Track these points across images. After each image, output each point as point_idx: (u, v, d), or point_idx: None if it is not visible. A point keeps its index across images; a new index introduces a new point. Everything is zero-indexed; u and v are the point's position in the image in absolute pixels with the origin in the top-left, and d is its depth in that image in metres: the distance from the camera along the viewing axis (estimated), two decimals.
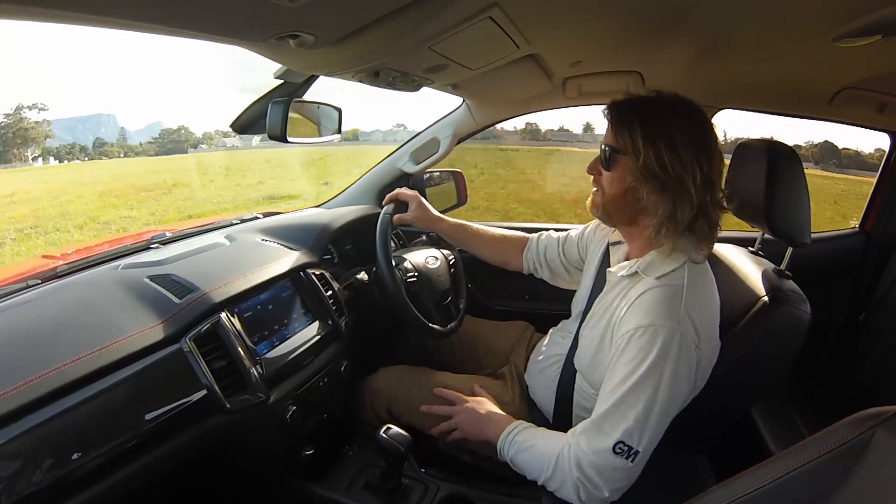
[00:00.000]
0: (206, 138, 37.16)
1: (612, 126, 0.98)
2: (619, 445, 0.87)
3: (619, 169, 0.97)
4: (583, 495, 0.90)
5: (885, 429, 0.51)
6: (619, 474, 0.88)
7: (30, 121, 28.80)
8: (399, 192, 1.40)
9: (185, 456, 0.92)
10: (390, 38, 0.85)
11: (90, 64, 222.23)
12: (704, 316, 0.92)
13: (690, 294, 0.91)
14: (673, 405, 0.89)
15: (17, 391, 0.74)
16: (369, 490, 1.15)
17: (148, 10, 0.61)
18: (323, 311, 1.27)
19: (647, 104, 0.96)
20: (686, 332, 0.87)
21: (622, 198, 0.98)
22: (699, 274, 0.96)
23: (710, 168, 0.91)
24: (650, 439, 0.88)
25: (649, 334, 0.87)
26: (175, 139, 35.88)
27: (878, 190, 1.83)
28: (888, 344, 1.58)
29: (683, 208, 0.90)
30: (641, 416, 0.86)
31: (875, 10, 0.78)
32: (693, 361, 0.89)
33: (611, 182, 0.99)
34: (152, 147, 35.86)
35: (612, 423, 0.88)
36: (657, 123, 0.92)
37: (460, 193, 2.00)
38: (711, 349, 0.94)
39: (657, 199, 0.93)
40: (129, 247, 1.30)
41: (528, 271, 1.44)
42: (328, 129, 1.42)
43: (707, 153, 0.91)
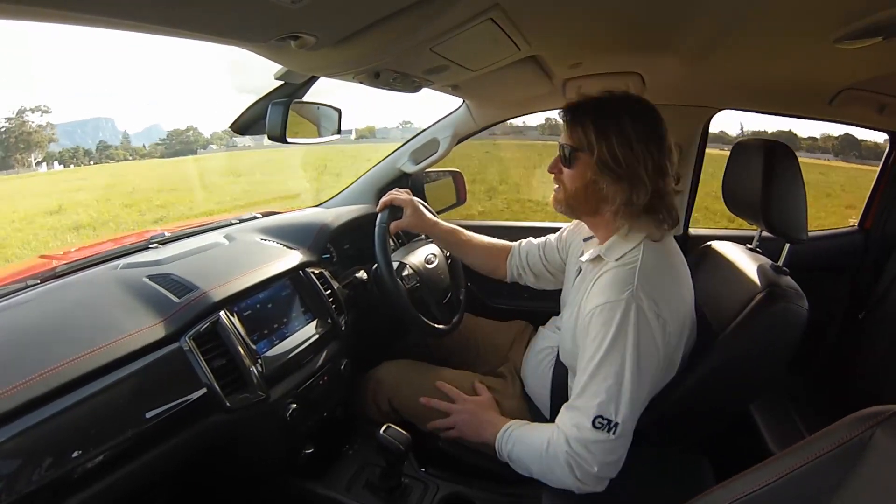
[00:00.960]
0: (216, 139, 36.28)
1: (568, 126, 1.05)
2: (597, 420, 0.91)
3: (579, 165, 1.03)
4: (577, 472, 0.93)
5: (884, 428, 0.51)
6: (604, 447, 0.91)
7: (33, 124, 28.15)
8: (393, 198, 1.37)
9: (184, 454, 0.92)
10: (391, 40, 0.85)
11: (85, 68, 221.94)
12: (661, 285, 0.97)
13: (644, 269, 0.96)
14: (644, 374, 0.92)
15: (17, 390, 0.74)
16: (369, 489, 1.15)
17: (148, 10, 0.61)
18: (322, 310, 1.27)
19: (598, 103, 1.02)
20: (640, 303, 0.91)
21: (583, 191, 1.04)
22: (657, 250, 1.01)
23: (660, 156, 0.98)
24: (627, 410, 0.91)
25: (607, 310, 0.93)
26: (184, 140, 35.15)
27: (877, 188, 1.83)
28: (888, 342, 1.58)
29: (639, 194, 0.97)
30: (613, 389, 0.90)
31: (876, 11, 0.78)
32: (657, 328, 0.92)
33: (572, 178, 1.05)
34: (158, 149, 35.05)
35: (587, 400, 0.92)
36: (608, 119, 0.98)
37: (459, 193, 2.00)
38: (678, 318, 0.98)
39: (615, 188, 0.99)
40: (129, 246, 1.29)
41: (512, 278, 1.46)
42: (328, 129, 1.42)
43: (657, 143, 0.98)
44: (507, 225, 2.07)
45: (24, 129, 27.57)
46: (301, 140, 1.31)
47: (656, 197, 0.98)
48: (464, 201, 2.02)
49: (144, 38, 4.21)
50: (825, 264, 1.81)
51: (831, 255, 1.83)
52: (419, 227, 1.40)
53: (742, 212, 1.21)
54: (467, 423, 1.15)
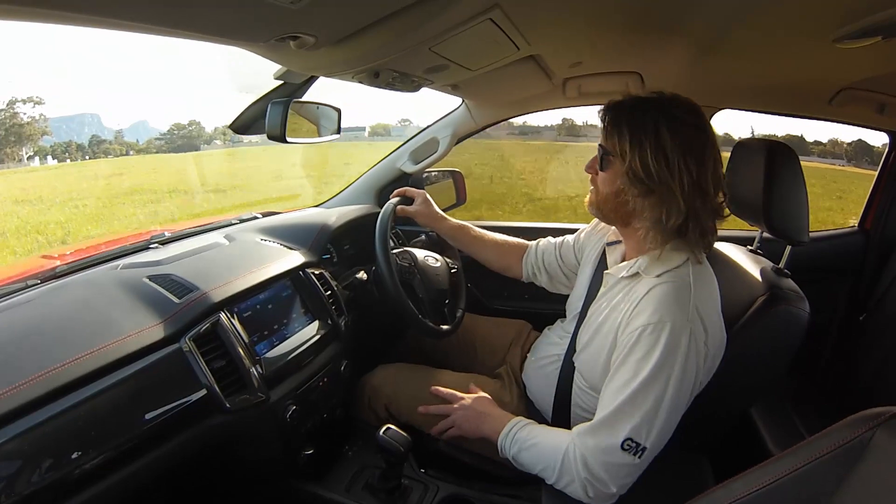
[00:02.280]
0: (219, 133, 34.73)
1: (605, 127, 0.99)
2: (627, 442, 0.86)
3: (611, 171, 0.98)
4: (591, 492, 0.90)
5: (884, 429, 0.51)
6: (627, 470, 0.89)
7: (24, 116, 26.15)
8: (406, 189, 1.43)
9: (184, 456, 0.92)
10: (390, 40, 0.85)
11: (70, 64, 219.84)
12: (711, 311, 0.92)
13: (699, 290, 0.90)
14: (682, 401, 0.89)
15: (17, 391, 0.73)
16: (369, 490, 1.15)
17: (148, 10, 0.61)
18: (322, 311, 1.27)
19: (639, 105, 0.95)
20: (695, 328, 0.87)
21: (614, 199, 0.99)
22: (703, 271, 0.96)
23: (700, 172, 0.89)
24: (658, 436, 0.87)
25: (658, 330, 0.86)
26: (186, 135, 33.68)
27: (877, 189, 1.83)
28: (888, 344, 1.58)
29: (671, 213, 0.89)
30: (650, 413, 0.86)
31: (875, 11, 0.78)
32: (702, 357, 0.88)
33: (604, 182, 1.00)
34: (156, 144, 33.52)
35: (621, 421, 0.88)
36: (646, 125, 0.91)
37: (459, 193, 2.00)
38: (717, 345, 0.94)
39: (643, 203, 0.93)
40: (129, 247, 1.29)
41: (528, 278, 1.44)
42: (327, 129, 1.42)
43: (698, 157, 0.89)
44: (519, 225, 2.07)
45: (15, 120, 25.68)
46: (301, 140, 1.32)
47: (692, 218, 0.90)
48: (464, 201, 2.02)
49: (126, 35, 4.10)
50: (825, 265, 1.81)
51: (832, 256, 1.83)
52: (427, 217, 1.42)
53: (743, 213, 1.21)
54: (466, 419, 1.13)
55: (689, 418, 1.06)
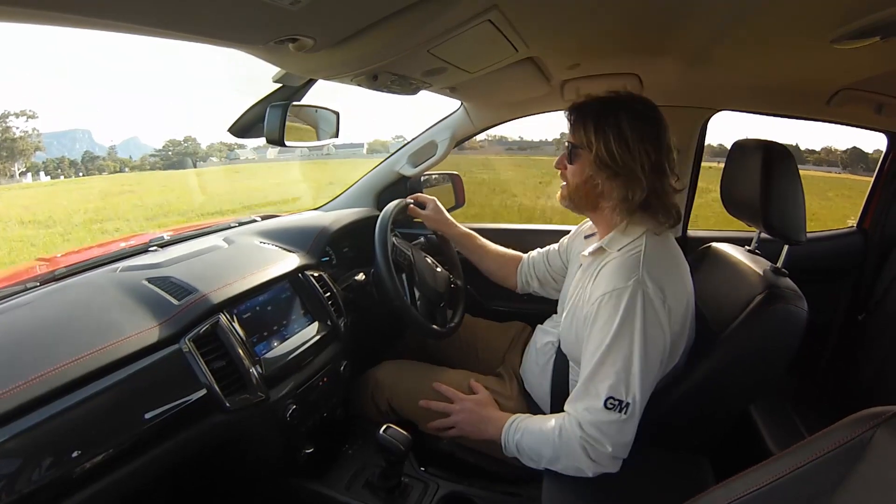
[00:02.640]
0: (214, 150, 34.00)
1: (571, 124, 1.11)
2: (609, 401, 0.93)
3: (580, 162, 1.09)
4: (591, 454, 0.95)
5: (884, 429, 0.51)
6: (616, 427, 0.94)
7: (17, 130, 25.03)
8: (419, 195, 1.54)
9: (184, 455, 0.92)
10: (389, 42, 0.85)
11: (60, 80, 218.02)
12: (666, 273, 1.00)
13: (648, 257, 0.99)
14: (651, 357, 0.95)
15: (18, 390, 0.74)
16: (369, 489, 1.15)
17: (146, 13, 0.61)
18: (322, 312, 1.27)
19: (600, 103, 1.07)
20: (646, 289, 0.95)
21: (583, 186, 1.09)
22: (659, 242, 1.05)
23: (658, 155, 1.01)
24: (638, 390, 0.93)
25: (614, 297, 0.96)
26: (181, 152, 32.57)
27: (875, 189, 1.83)
28: (888, 343, 1.58)
29: (634, 191, 1.01)
30: (622, 371, 0.93)
31: (873, 11, 0.79)
32: (662, 314, 0.95)
33: (573, 174, 1.11)
34: (148, 162, 32.11)
35: (598, 384, 0.95)
36: (608, 118, 1.02)
37: (458, 196, 2.00)
38: (681, 305, 1.01)
39: (611, 184, 1.04)
40: (128, 249, 1.30)
41: (522, 288, 1.53)
42: (326, 132, 1.42)
43: (654, 143, 1.01)
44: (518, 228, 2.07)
45: (7, 135, 24.56)
46: (299, 143, 1.32)
47: (653, 195, 1.02)
48: (462, 204, 2.02)
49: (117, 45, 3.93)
50: (824, 265, 1.81)
51: (830, 256, 1.83)
52: (437, 222, 1.52)
53: (740, 213, 1.21)
54: (468, 422, 1.16)
55: (689, 418, 1.06)
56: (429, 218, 1.51)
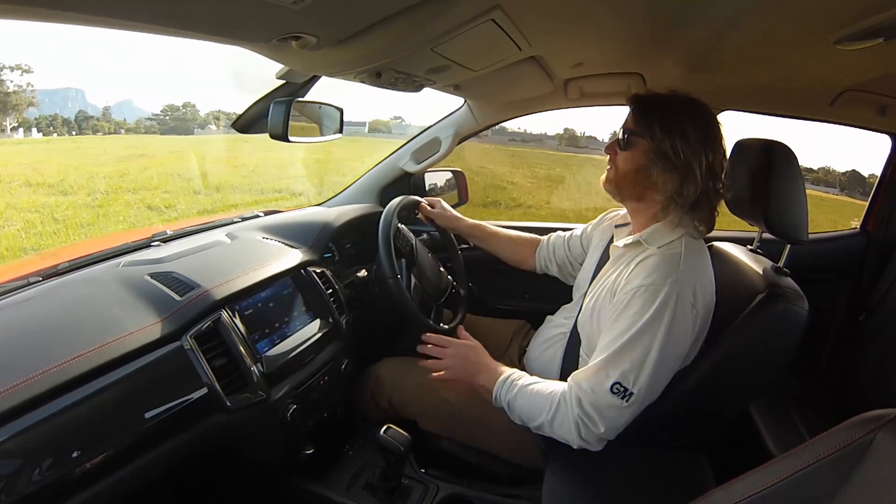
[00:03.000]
0: (213, 118, 32.05)
1: (633, 114, 1.11)
2: (616, 386, 0.95)
3: (635, 150, 1.08)
4: (582, 432, 0.97)
5: (886, 432, 0.51)
6: (615, 413, 0.96)
7: (11, 84, 23.13)
8: (428, 198, 1.56)
9: (185, 454, 0.92)
10: (393, 40, 0.85)
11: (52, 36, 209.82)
12: (700, 279, 1.01)
13: (687, 260, 1.01)
14: (669, 356, 0.97)
15: (19, 388, 0.74)
16: (369, 490, 1.15)
17: (150, 10, 0.61)
18: (324, 310, 1.27)
19: (666, 100, 1.08)
20: (682, 291, 0.96)
21: (634, 175, 1.09)
22: (696, 246, 1.06)
23: (714, 159, 1.03)
24: (646, 383, 0.95)
25: (650, 292, 0.97)
26: (179, 117, 30.97)
27: (879, 191, 1.83)
28: (888, 345, 1.57)
29: (689, 188, 1.02)
30: (638, 361, 0.95)
31: (877, 12, 0.78)
32: (689, 318, 0.97)
33: (625, 160, 1.10)
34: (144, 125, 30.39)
35: (612, 366, 0.96)
36: (674, 118, 1.04)
37: (461, 192, 2.00)
38: (707, 311, 1.02)
39: (667, 177, 1.04)
40: (130, 244, 1.29)
41: (541, 269, 1.54)
42: (329, 128, 1.42)
43: (713, 147, 1.04)
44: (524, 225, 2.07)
45: (1, 88, 22.85)
46: (303, 139, 1.32)
47: (704, 196, 1.03)
48: (465, 201, 2.02)
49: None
50: (826, 266, 1.81)
51: (832, 256, 1.83)
52: (445, 219, 1.54)
53: (742, 212, 1.21)
54: (460, 367, 1.13)
55: (690, 417, 1.06)
56: (438, 216, 1.53)
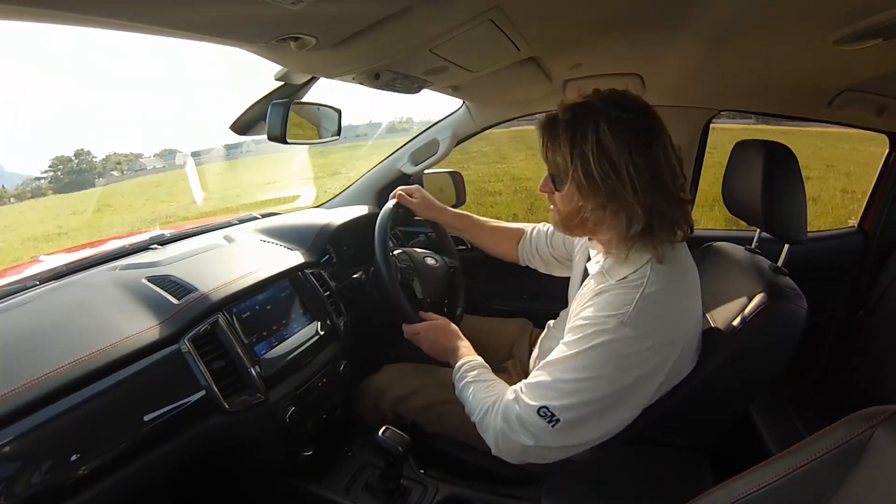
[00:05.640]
0: (112, 163, 27.56)
1: (545, 146, 0.94)
2: (542, 409, 0.88)
3: (565, 189, 0.93)
4: (500, 444, 0.94)
5: (884, 428, 0.51)
6: (540, 431, 0.89)
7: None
8: (400, 188, 1.45)
9: (183, 457, 0.92)
10: (391, 41, 0.85)
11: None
12: (657, 319, 0.88)
13: (645, 299, 0.87)
14: (604, 395, 0.87)
15: (16, 393, 0.74)
16: (368, 491, 1.15)
17: (147, 11, 0.61)
18: (321, 312, 1.26)
19: (573, 112, 0.90)
20: (625, 337, 0.85)
21: (576, 215, 0.95)
22: (664, 277, 0.90)
23: (653, 168, 0.85)
24: (575, 417, 0.87)
25: (592, 327, 0.87)
26: (71, 170, 26.24)
27: (877, 189, 1.83)
28: (887, 342, 1.58)
29: (631, 221, 0.87)
30: (568, 392, 0.87)
31: (875, 12, 0.79)
32: (632, 361, 0.86)
33: (562, 201, 0.96)
34: (32, 188, 24.23)
35: (543, 388, 0.90)
36: (583, 132, 0.86)
37: (459, 193, 2.00)
38: (666, 348, 0.90)
39: (602, 214, 0.90)
40: (128, 247, 1.29)
41: (524, 262, 1.50)
42: (328, 130, 1.42)
43: (646, 152, 0.85)
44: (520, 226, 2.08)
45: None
46: (301, 141, 1.32)
47: (655, 217, 0.87)
48: (463, 202, 2.02)
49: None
50: (825, 265, 1.81)
51: (831, 255, 1.83)
52: (428, 209, 1.46)
53: (741, 212, 1.21)
54: (432, 349, 1.19)
55: (689, 417, 1.06)
56: (419, 206, 1.44)
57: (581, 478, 1.00)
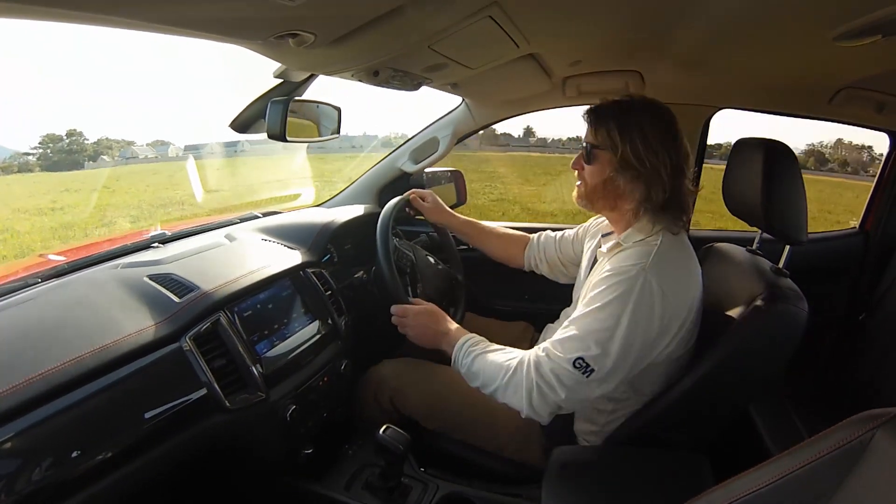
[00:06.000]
0: (104, 147, 26.79)
1: (592, 126, 1.09)
2: (578, 361, 0.95)
3: (599, 163, 1.08)
4: (535, 399, 0.98)
5: (884, 430, 0.50)
6: (574, 383, 0.96)
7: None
8: (415, 190, 1.51)
9: (184, 455, 0.92)
10: (390, 38, 0.85)
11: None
12: (674, 270, 1.01)
13: (660, 253, 1.00)
14: (632, 342, 0.95)
15: (17, 389, 0.74)
16: (369, 489, 1.15)
17: (147, 9, 0.61)
18: (323, 311, 1.27)
19: (620, 107, 1.06)
20: (647, 282, 0.95)
21: (602, 187, 1.09)
22: (674, 241, 1.05)
23: (678, 158, 1.03)
24: (608, 365, 0.95)
25: (617, 276, 0.97)
26: (61, 149, 25.10)
27: (877, 190, 1.83)
28: (887, 344, 1.58)
29: (657, 192, 1.02)
30: (602, 341, 0.95)
31: (875, 9, 0.78)
32: (655, 308, 0.95)
33: (592, 174, 1.10)
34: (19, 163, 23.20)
35: (575, 341, 0.97)
36: (631, 122, 1.03)
37: (460, 193, 2.00)
38: (682, 301, 1.00)
39: (633, 186, 1.05)
40: (130, 246, 1.29)
41: (529, 268, 1.53)
42: (327, 128, 1.42)
43: (675, 145, 1.02)
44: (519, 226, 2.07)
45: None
46: (301, 139, 1.31)
47: (673, 196, 1.03)
48: (464, 201, 2.02)
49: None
50: (826, 266, 1.81)
51: (831, 256, 1.83)
52: (437, 213, 1.52)
53: (742, 213, 1.21)
54: (422, 334, 1.19)
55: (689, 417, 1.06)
56: (430, 210, 1.50)
57: (581, 477, 1.00)
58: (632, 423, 1.06)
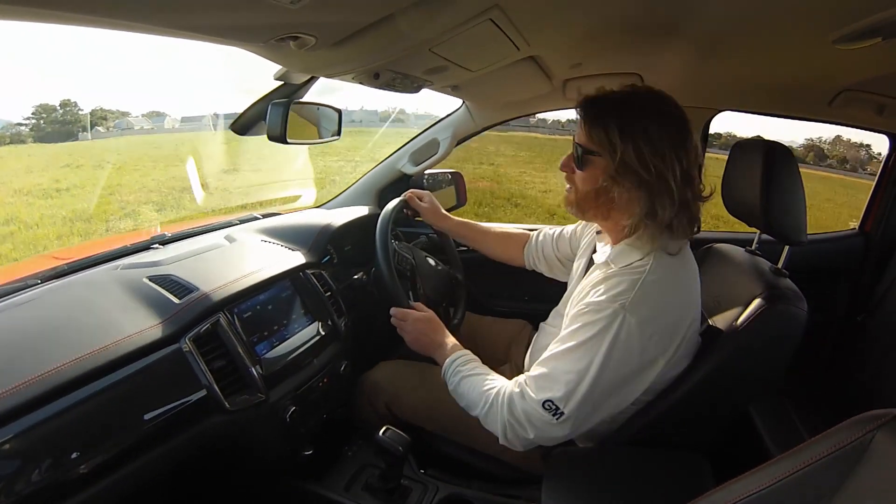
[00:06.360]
0: (99, 118, 24.60)
1: (585, 124, 0.96)
2: (547, 403, 0.92)
3: (592, 168, 0.96)
4: (509, 435, 0.97)
5: (885, 431, 0.50)
6: (544, 424, 0.93)
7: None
8: (413, 191, 1.49)
9: (184, 456, 0.92)
10: (390, 40, 0.85)
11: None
12: (660, 303, 0.92)
13: (646, 285, 0.91)
14: (607, 383, 0.91)
15: (17, 390, 0.74)
16: (368, 491, 1.15)
17: (147, 11, 0.61)
18: (322, 312, 1.27)
19: (623, 99, 0.94)
20: (625, 322, 0.88)
21: (594, 196, 0.98)
22: (668, 265, 0.95)
23: (688, 162, 0.90)
24: (578, 408, 0.91)
25: (594, 315, 0.91)
26: (55, 120, 23.07)
27: (877, 191, 1.83)
28: (887, 345, 1.58)
29: (664, 205, 0.90)
30: (572, 383, 0.91)
31: (875, 11, 0.78)
32: (633, 347, 0.89)
33: (583, 180, 0.99)
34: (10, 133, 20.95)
35: (548, 380, 0.94)
36: (634, 119, 0.90)
37: (460, 194, 2.00)
38: (668, 333, 0.93)
39: (632, 196, 0.93)
40: (129, 247, 1.30)
41: (530, 266, 1.51)
42: (328, 130, 1.42)
43: (685, 147, 0.90)
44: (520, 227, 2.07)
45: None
46: (301, 141, 1.32)
47: (683, 209, 0.91)
48: (464, 203, 2.02)
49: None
50: (826, 267, 1.81)
51: (831, 257, 1.83)
52: (433, 215, 1.49)
53: (741, 214, 1.21)
54: (418, 341, 1.17)
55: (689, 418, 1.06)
56: (427, 211, 1.48)
57: (581, 478, 1.00)
58: (632, 424, 1.06)
